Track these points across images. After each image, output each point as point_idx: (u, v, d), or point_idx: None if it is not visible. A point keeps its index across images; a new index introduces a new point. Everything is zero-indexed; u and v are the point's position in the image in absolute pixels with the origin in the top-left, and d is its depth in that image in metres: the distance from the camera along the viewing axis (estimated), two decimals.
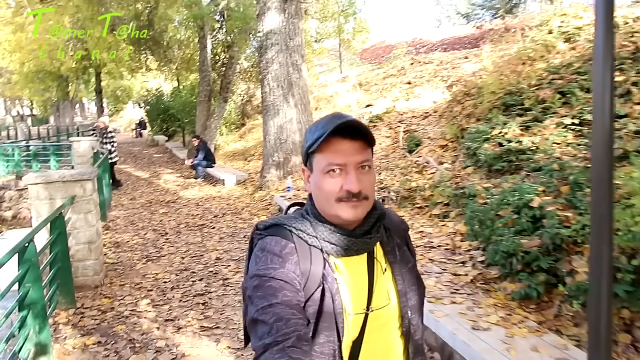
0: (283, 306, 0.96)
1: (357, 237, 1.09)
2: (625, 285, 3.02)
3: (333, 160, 1.04)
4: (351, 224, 1.09)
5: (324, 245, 1.07)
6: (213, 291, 4.82)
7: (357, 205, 1.05)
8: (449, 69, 11.46)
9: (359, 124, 1.04)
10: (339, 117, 1.05)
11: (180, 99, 18.86)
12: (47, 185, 4.82)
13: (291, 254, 1.05)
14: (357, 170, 1.05)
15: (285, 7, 8.77)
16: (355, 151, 1.04)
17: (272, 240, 1.06)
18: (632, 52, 5.99)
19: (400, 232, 1.23)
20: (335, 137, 1.03)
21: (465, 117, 7.58)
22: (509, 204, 4.20)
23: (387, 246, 1.17)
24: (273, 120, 8.99)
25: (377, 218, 1.13)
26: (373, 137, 1.07)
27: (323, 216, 1.10)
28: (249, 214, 7.94)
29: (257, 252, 1.07)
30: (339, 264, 1.09)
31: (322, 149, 1.05)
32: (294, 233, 1.08)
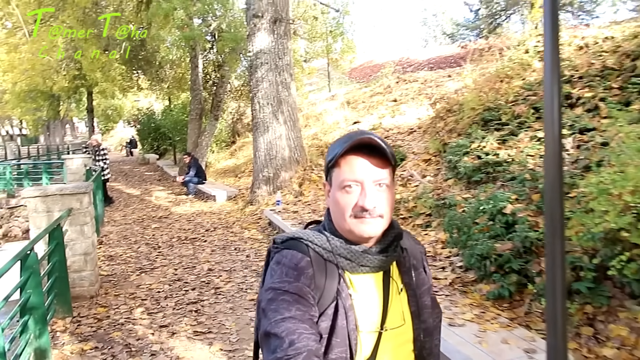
0: (296, 320, 0.96)
1: (373, 254, 1.09)
2: (587, 282, 3.29)
3: (349, 176, 1.05)
4: (367, 241, 1.09)
5: (340, 261, 1.08)
6: (205, 299, 5.00)
7: (370, 222, 1.05)
8: (433, 87, 11.86)
9: (377, 142, 1.04)
10: (359, 133, 1.07)
11: (172, 117, 19.12)
12: (45, 198, 5.01)
13: (306, 268, 1.05)
14: (373, 188, 1.05)
15: (274, 29, 9.12)
16: (372, 168, 1.05)
17: (289, 254, 1.07)
18: (600, 70, 6.36)
19: (416, 254, 1.24)
20: (354, 153, 1.05)
21: (448, 132, 7.90)
22: (484, 212, 4.48)
23: (403, 267, 1.18)
24: (263, 136, 9.26)
25: (394, 237, 1.14)
26: (393, 155, 1.08)
27: (339, 232, 1.10)
28: (239, 227, 8.14)
29: (273, 265, 1.08)
30: (355, 280, 1.09)
31: (340, 164, 1.07)
32: (310, 247, 1.09)
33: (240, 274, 5.77)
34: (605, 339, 3.06)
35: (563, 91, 6.37)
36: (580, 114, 5.75)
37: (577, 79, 6.45)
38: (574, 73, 6.61)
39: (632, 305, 3.17)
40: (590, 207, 3.39)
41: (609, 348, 2.96)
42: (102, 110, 31.69)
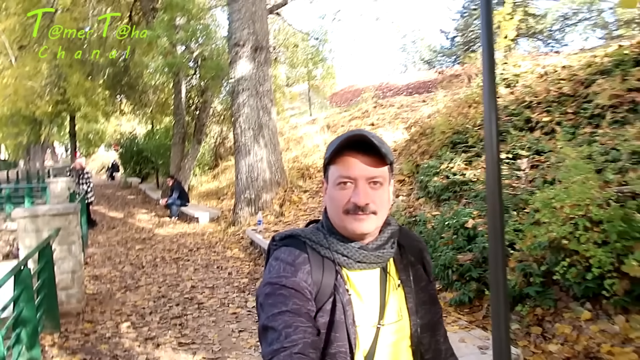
0: (292, 314, 0.98)
1: (370, 250, 1.10)
2: (536, 287, 3.67)
3: (344, 172, 1.08)
4: (362, 238, 1.11)
5: (337, 257, 1.09)
6: (189, 314, 5.24)
7: (363, 218, 1.07)
8: (408, 112, 12.38)
9: (371, 140, 1.05)
10: (356, 131, 1.08)
11: (155, 141, 19.34)
12: (34, 218, 5.24)
13: (304, 264, 1.07)
14: (367, 185, 1.07)
15: (255, 56, 9.55)
16: (367, 166, 1.07)
17: (287, 250, 1.10)
18: (558, 96, 6.89)
19: (415, 250, 1.25)
20: (349, 151, 1.08)
21: (420, 154, 8.34)
22: (449, 227, 4.86)
23: (400, 263, 1.19)
24: (245, 159, 9.59)
25: (391, 234, 1.15)
26: (388, 154, 1.09)
27: (336, 228, 1.12)
28: (222, 247, 8.39)
29: (272, 261, 1.10)
30: (352, 276, 1.11)
31: (335, 161, 1.10)
32: (308, 244, 1.11)
33: (222, 290, 6.02)
34: (552, 337, 3.42)
35: (523, 115, 6.87)
36: (538, 136, 6.22)
37: (536, 104, 6.97)
38: (533, 99, 7.13)
39: (575, 306, 3.55)
40: (538, 219, 3.79)
41: (554, 344, 3.32)
42: (83, 134, 31.66)
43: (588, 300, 3.50)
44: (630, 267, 3.20)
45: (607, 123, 5.65)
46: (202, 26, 12.75)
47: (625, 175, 4.16)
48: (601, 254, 3.26)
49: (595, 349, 3.14)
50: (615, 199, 3.76)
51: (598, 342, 3.18)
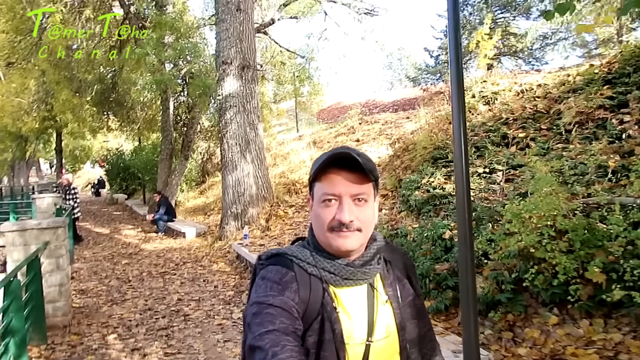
0: (279, 333, 0.97)
1: (356, 267, 1.10)
2: (508, 294, 3.86)
3: (328, 190, 1.08)
4: (348, 254, 1.10)
5: (324, 275, 1.09)
6: (175, 326, 5.33)
7: (348, 235, 1.06)
8: (392, 128, 12.67)
9: (356, 157, 1.05)
10: (340, 149, 1.09)
11: (142, 157, 19.40)
12: (23, 232, 5.33)
13: (291, 282, 1.06)
14: (351, 202, 1.07)
15: (242, 74, 9.77)
16: (351, 183, 1.07)
17: (273, 269, 1.09)
18: (533, 113, 7.19)
19: (401, 265, 1.25)
20: (334, 168, 1.08)
21: (403, 169, 8.57)
22: (428, 238, 5.05)
23: (387, 279, 1.18)
24: (231, 175, 9.74)
25: (377, 249, 1.15)
26: (373, 171, 1.09)
27: (322, 246, 1.12)
28: (208, 261, 8.48)
29: (258, 280, 1.09)
30: (339, 293, 1.10)
31: (320, 178, 1.10)
32: (295, 262, 1.10)
33: (208, 302, 6.12)
34: (521, 341, 3.61)
35: (500, 131, 7.15)
36: (514, 151, 6.49)
37: (512, 121, 7.26)
38: (510, 116, 7.43)
39: (544, 311, 3.74)
40: (509, 230, 4.00)
41: (523, 348, 3.50)
42: (69, 150, 31.56)
43: (555, 305, 3.69)
44: (592, 273, 3.41)
45: (578, 139, 5.94)
46: (190, 44, 12.98)
47: (591, 187, 4.40)
48: (566, 261, 3.47)
49: (561, 351, 3.33)
50: (580, 210, 3.99)
51: (564, 344, 3.37)
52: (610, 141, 5.42)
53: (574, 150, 5.58)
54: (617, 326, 3.36)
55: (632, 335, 3.22)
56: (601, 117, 6.01)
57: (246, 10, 9.85)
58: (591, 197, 4.25)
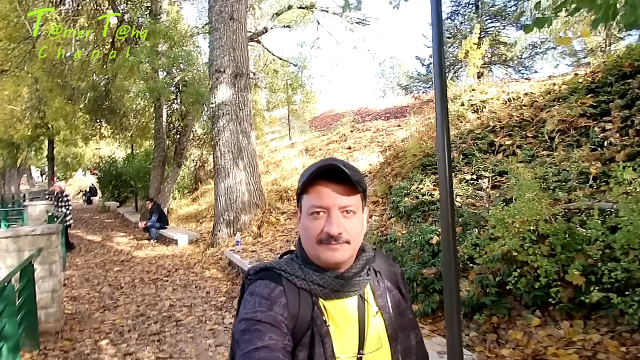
0: (269, 350, 0.96)
1: (346, 279, 1.09)
2: (492, 296, 3.98)
3: (316, 202, 1.07)
4: (337, 267, 1.09)
5: (313, 288, 1.08)
6: (167, 331, 5.39)
7: (337, 248, 1.05)
8: (384, 135, 12.82)
9: (343, 169, 1.05)
10: (328, 160, 1.08)
11: (134, 165, 19.42)
12: (16, 238, 5.38)
13: (279, 297, 1.05)
14: (340, 214, 1.06)
15: (235, 82, 9.89)
16: (339, 195, 1.06)
17: (262, 284, 1.08)
18: (519, 121, 7.36)
19: (390, 275, 1.24)
20: (322, 180, 1.07)
21: (393, 176, 8.69)
22: (416, 243, 5.16)
23: (377, 289, 1.17)
24: (224, 182, 9.82)
25: (366, 260, 1.14)
26: (360, 182, 1.09)
27: (310, 258, 1.11)
28: (200, 268, 8.53)
29: (247, 296, 1.08)
30: (329, 306, 1.09)
31: (308, 191, 1.09)
32: (283, 276, 1.09)
33: (200, 308, 6.18)
34: (505, 342, 3.71)
35: (488, 139, 7.30)
36: (500, 159, 6.63)
37: (499, 128, 7.42)
38: (497, 124, 7.59)
39: (527, 314, 3.86)
40: (494, 235, 4.12)
41: (506, 349, 3.61)
42: (61, 158, 31.46)
43: (538, 307, 3.81)
44: (572, 276, 3.53)
45: (562, 146, 6.09)
46: (184, 52, 13.09)
47: (572, 193, 4.54)
48: (547, 264, 3.59)
49: (542, 351, 3.44)
50: (562, 215, 4.13)
51: (545, 345, 3.48)
52: (592, 148, 5.57)
53: (558, 157, 5.73)
54: (596, 327, 3.48)
55: (610, 336, 3.33)
56: (584, 125, 6.18)
57: (239, 20, 9.99)
58: (572, 202, 4.39)
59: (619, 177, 3.88)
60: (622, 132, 5.63)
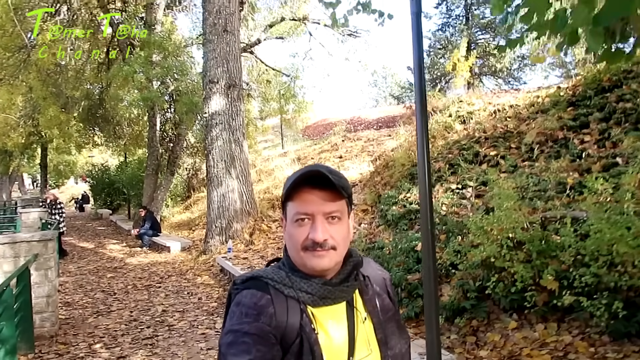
0: None
1: (334, 285, 1.08)
2: (472, 301, 4.17)
3: (301, 209, 1.06)
4: (324, 273, 1.08)
5: (301, 295, 1.07)
6: (160, 335, 5.52)
7: (322, 255, 1.05)
8: (374, 145, 13.05)
9: (326, 175, 1.04)
10: (312, 166, 1.08)
11: (128, 173, 19.52)
12: (13, 245, 5.51)
13: (266, 306, 1.04)
14: (325, 220, 1.05)
15: (228, 93, 10.09)
16: (324, 201, 1.05)
17: (248, 294, 1.06)
18: (503, 132, 7.61)
19: (379, 280, 1.23)
20: (306, 187, 1.06)
21: (383, 185, 8.91)
22: (402, 250, 5.36)
23: (365, 295, 1.16)
24: (217, 190, 9.98)
25: (353, 266, 1.14)
26: (345, 188, 1.08)
27: (297, 266, 1.10)
28: (192, 274, 8.67)
29: (233, 307, 1.07)
30: (318, 314, 1.08)
31: (293, 197, 1.08)
32: (270, 285, 1.08)
33: (192, 313, 6.32)
34: (483, 344, 3.90)
35: (473, 150, 7.53)
36: (485, 169, 6.86)
37: (484, 139, 7.66)
38: (482, 135, 7.83)
39: (504, 317, 4.05)
40: (474, 242, 4.33)
41: (484, 350, 3.79)
42: (54, 165, 31.44)
43: (515, 311, 4.01)
44: (546, 281, 3.74)
45: (543, 157, 6.33)
46: (178, 63, 13.29)
47: (550, 202, 4.76)
48: (522, 270, 3.79)
49: (518, 353, 3.63)
50: (539, 223, 4.34)
51: (520, 347, 3.67)
52: (571, 159, 5.81)
53: (539, 167, 5.96)
54: (569, 329, 3.68)
55: (581, 337, 3.53)
56: (564, 137, 6.43)
57: (233, 32, 10.21)
58: (550, 211, 4.60)
59: (592, 188, 4.11)
60: (600, 144, 5.89)
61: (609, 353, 3.28)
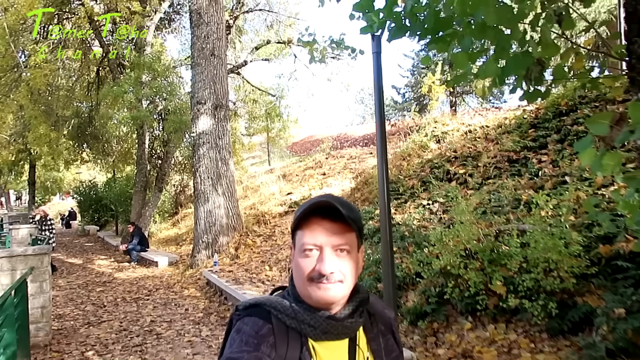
0: None
1: (338, 320, 1.06)
2: (433, 305, 4.64)
3: (309, 239, 1.04)
4: (329, 307, 1.06)
5: (303, 328, 1.04)
6: (149, 343, 5.89)
7: (328, 287, 1.03)
8: (357, 162, 13.58)
9: (337, 207, 1.03)
10: (323, 197, 1.06)
11: (116, 189, 19.80)
12: (11, 258, 5.87)
13: (267, 336, 1.02)
14: (333, 252, 1.04)
15: (215, 113, 10.57)
16: (333, 233, 1.03)
17: (250, 321, 1.05)
18: (472, 152, 8.17)
19: (385, 319, 1.20)
20: (316, 217, 1.04)
21: (362, 201, 9.40)
22: (374, 262, 5.82)
23: (370, 333, 1.14)
24: (203, 206, 10.39)
25: (359, 302, 1.11)
26: (356, 221, 1.06)
27: (302, 297, 1.08)
28: (180, 287, 9.02)
29: (233, 333, 1.05)
30: (319, 348, 1.06)
31: (302, 227, 1.06)
32: (273, 314, 1.06)
33: (179, 323, 6.69)
34: (442, 344, 4.36)
35: (444, 168, 8.07)
36: (454, 186, 7.38)
37: (454, 158, 8.21)
38: (453, 154, 8.39)
39: (461, 319, 4.52)
40: (433, 252, 4.81)
41: (442, 349, 4.25)
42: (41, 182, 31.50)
43: (470, 313, 4.48)
44: (496, 286, 4.22)
45: (506, 175, 6.88)
46: (167, 83, 13.77)
47: (504, 217, 5.27)
48: (474, 277, 4.28)
49: (470, 350, 4.09)
50: (494, 235, 4.84)
51: (473, 345, 4.14)
52: (530, 177, 6.36)
53: (501, 185, 6.50)
54: (515, 328, 4.15)
55: (524, 335, 4.01)
56: (525, 157, 7.00)
57: (220, 56, 10.73)
58: (504, 224, 5.12)
59: (539, 203, 4.63)
60: (555, 163, 6.45)
61: (545, 348, 3.76)
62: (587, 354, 3.12)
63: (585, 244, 3.93)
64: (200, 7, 10.59)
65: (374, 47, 3.95)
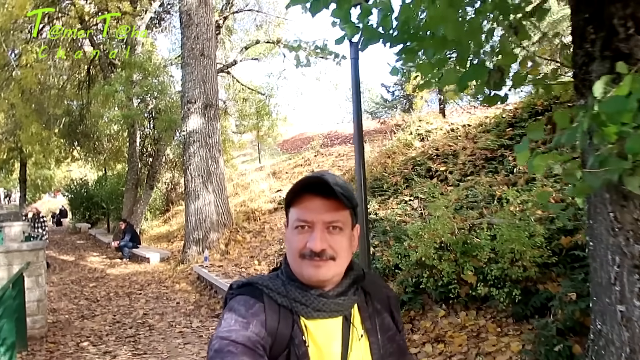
0: None
1: (330, 297, 1.05)
2: (410, 294, 4.94)
3: (301, 216, 1.04)
4: (321, 284, 1.05)
5: (294, 306, 1.04)
6: (141, 334, 6.15)
7: (319, 264, 1.02)
8: (344, 160, 13.87)
9: (330, 183, 1.01)
10: (316, 173, 1.05)
11: (107, 187, 19.94)
12: (7, 254, 6.09)
13: (258, 314, 1.01)
14: (325, 229, 1.03)
15: (205, 112, 10.81)
16: (325, 210, 1.03)
17: (241, 300, 1.04)
18: (453, 150, 8.49)
19: (382, 298, 1.18)
20: (309, 194, 1.04)
21: None
22: (356, 255, 6.12)
23: (365, 311, 1.12)
24: (194, 203, 10.64)
25: (353, 280, 1.10)
26: (350, 198, 1.05)
27: (294, 274, 1.07)
28: (171, 282, 9.28)
29: (225, 312, 1.05)
30: (311, 326, 1.04)
31: (295, 204, 1.06)
32: (265, 292, 1.05)
33: (170, 315, 6.96)
34: (417, 330, 4.67)
35: (426, 165, 8.39)
36: (435, 182, 7.70)
37: (436, 156, 8.53)
38: (435, 152, 8.71)
39: (436, 307, 4.83)
40: (411, 245, 5.12)
41: (417, 335, 4.56)
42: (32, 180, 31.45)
43: (443, 302, 4.79)
44: (467, 276, 4.53)
45: (484, 172, 7.20)
46: (157, 82, 13.96)
47: (477, 211, 5.59)
48: (447, 267, 4.59)
49: (443, 335, 4.40)
50: (468, 229, 5.16)
51: (445, 330, 4.45)
52: (505, 175, 6.69)
53: (478, 181, 6.83)
54: (484, 315, 4.47)
55: (492, 320, 4.33)
56: (502, 155, 7.33)
57: (209, 56, 10.96)
58: (478, 219, 5.43)
59: (509, 199, 4.96)
60: None
61: (510, 332, 4.08)
62: (541, 334, 3.44)
63: (547, 235, 4.26)
64: (190, 9, 10.81)
65: (352, 53, 4.24)
